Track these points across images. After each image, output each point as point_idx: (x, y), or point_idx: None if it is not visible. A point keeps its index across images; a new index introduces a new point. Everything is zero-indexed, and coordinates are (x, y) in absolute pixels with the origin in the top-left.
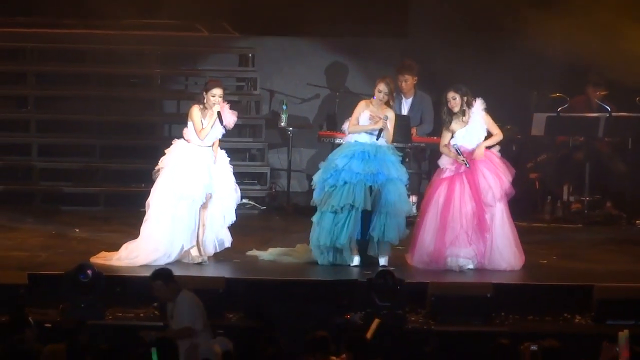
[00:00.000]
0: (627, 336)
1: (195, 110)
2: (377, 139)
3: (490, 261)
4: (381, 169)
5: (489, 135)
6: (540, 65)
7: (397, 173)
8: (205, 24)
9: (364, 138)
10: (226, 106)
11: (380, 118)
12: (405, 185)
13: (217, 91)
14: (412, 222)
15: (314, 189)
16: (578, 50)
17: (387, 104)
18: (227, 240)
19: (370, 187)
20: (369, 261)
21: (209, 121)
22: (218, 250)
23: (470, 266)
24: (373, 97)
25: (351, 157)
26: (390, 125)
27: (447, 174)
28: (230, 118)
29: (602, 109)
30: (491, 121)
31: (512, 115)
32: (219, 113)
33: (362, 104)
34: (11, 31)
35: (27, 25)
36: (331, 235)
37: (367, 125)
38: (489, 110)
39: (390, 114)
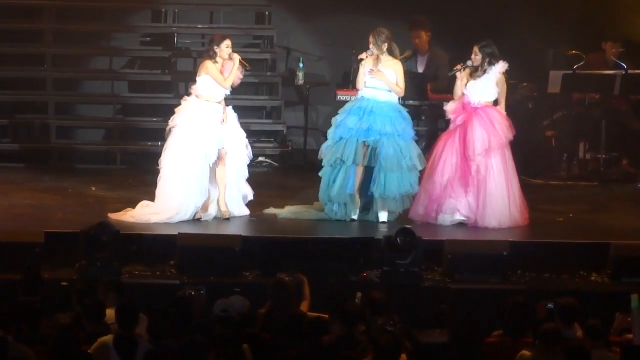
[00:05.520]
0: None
1: (210, 64)
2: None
3: (481, 218)
4: (374, 124)
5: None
6: (557, 22)
7: (393, 128)
8: None
9: (369, 93)
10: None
11: (378, 70)
12: (415, 140)
13: (229, 42)
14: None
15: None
16: (595, 5)
17: (391, 52)
18: (249, 193)
19: (365, 142)
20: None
21: (230, 69)
22: (245, 203)
23: (457, 217)
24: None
25: (348, 112)
26: (393, 75)
27: (451, 128)
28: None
29: (619, 67)
30: (504, 90)
31: (528, 73)
32: (240, 60)
33: (362, 63)
34: None
35: None
36: (327, 189)
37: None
38: (509, 71)
39: (391, 67)
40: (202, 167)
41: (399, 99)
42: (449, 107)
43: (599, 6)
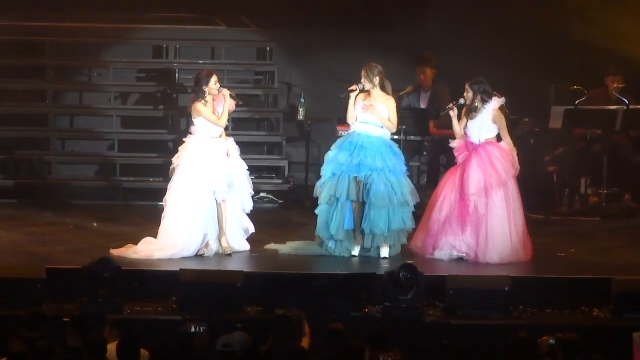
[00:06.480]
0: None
1: (201, 106)
2: None
3: (483, 254)
4: (365, 160)
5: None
6: (559, 58)
7: (384, 163)
8: (223, 17)
9: (361, 128)
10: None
11: (370, 105)
12: (407, 175)
13: (215, 77)
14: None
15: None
16: (597, 40)
17: (383, 88)
18: (250, 226)
19: (356, 178)
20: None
21: (223, 105)
22: (246, 237)
23: (455, 254)
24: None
25: (339, 148)
26: (385, 110)
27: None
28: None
29: (620, 102)
30: (503, 123)
31: (530, 108)
32: (230, 95)
33: (352, 96)
34: (30, 25)
35: (46, 18)
36: (327, 226)
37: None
38: (508, 103)
39: (383, 102)
40: (210, 204)
41: (401, 134)
42: (455, 145)
43: (601, 42)
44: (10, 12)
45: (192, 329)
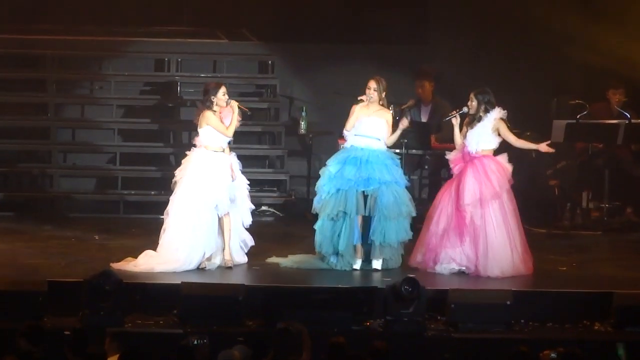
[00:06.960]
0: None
1: (211, 115)
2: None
3: (484, 268)
4: (373, 173)
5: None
6: (560, 72)
7: (392, 176)
8: (225, 30)
9: (361, 142)
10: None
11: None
12: (407, 187)
13: (224, 89)
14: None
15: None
16: (600, 55)
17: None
18: (249, 239)
19: (364, 192)
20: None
21: (231, 117)
22: (246, 251)
23: (455, 267)
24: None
25: (344, 163)
26: (385, 125)
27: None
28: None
29: (622, 116)
30: (505, 130)
31: (531, 122)
32: (239, 107)
33: (355, 108)
34: (31, 38)
35: (48, 32)
36: (333, 242)
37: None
38: (510, 117)
39: (381, 115)
40: (212, 218)
41: (403, 148)
42: (451, 157)
43: (603, 55)
44: (11, 26)
45: (194, 342)
